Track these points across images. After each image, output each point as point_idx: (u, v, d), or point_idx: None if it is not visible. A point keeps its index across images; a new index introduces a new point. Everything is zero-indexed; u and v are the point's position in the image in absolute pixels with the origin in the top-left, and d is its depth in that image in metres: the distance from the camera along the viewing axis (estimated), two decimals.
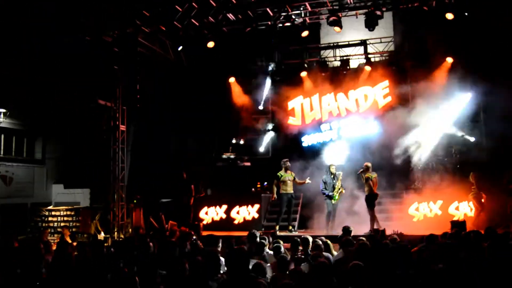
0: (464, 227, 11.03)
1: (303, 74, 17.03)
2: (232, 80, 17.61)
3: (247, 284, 4.88)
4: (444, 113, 15.18)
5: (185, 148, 18.46)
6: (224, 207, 14.92)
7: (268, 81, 17.67)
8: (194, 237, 9.99)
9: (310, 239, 8.07)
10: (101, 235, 13.46)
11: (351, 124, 16.54)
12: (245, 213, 14.70)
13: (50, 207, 15.73)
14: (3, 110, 14.51)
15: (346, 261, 6.28)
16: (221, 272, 5.93)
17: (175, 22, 14.46)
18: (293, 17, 13.94)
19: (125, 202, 14.25)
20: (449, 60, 15.45)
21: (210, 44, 14.67)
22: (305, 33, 14.07)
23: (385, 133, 15.71)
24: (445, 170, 14.52)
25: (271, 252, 7.84)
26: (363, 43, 16.41)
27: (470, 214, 13.03)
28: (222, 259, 6.62)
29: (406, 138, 15.01)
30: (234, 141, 17.25)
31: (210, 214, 14.99)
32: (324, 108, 17.06)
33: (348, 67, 16.53)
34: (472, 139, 15.09)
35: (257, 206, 14.63)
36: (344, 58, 16.65)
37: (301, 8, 14.05)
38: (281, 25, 14.08)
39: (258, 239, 8.50)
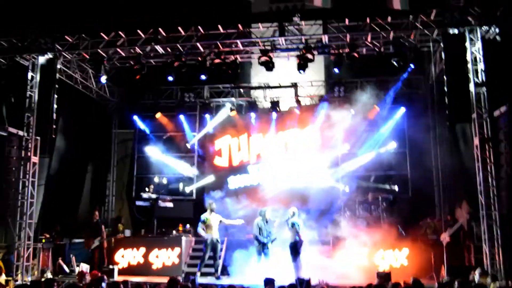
0: (389, 278, 11.10)
1: (232, 113, 17.05)
2: (158, 115, 17.27)
3: None
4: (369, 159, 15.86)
5: (104, 184, 17.87)
6: (142, 250, 14.27)
7: (196, 119, 17.60)
8: (105, 283, 9.37)
9: None
10: (2, 278, 12.36)
11: (279, 167, 16.58)
12: (164, 257, 14.12)
13: None
14: None
15: None
16: None
17: (100, 50, 14.06)
18: (224, 54, 13.93)
19: (31, 242, 13.26)
20: (377, 108, 16.03)
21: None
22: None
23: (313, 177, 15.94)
24: (372, 218, 14.81)
25: None
26: (294, 85, 16.66)
27: (395, 265, 13.20)
28: None
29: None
30: (156, 179, 16.74)
31: (127, 257, 14.27)
32: (252, 149, 17.08)
33: (278, 109, 16.66)
34: (395, 188, 15.59)
35: (178, 250, 14.12)
36: (275, 99, 16.77)
37: (233, 46, 14.09)
38: (211, 61, 14.01)
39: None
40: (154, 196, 15.70)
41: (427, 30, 12.72)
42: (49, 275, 12.90)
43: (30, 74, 13.67)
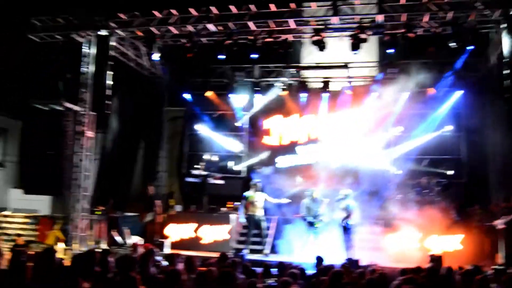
0: (441, 262, 10.91)
1: (283, 93, 16.96)
2: (209, 93, 17.37)
3: None
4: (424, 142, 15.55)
5: (155, 161, 18.17)
6: (193, 225, 14.49)
7: (247, 98, 17.61)
8: (158, 256, 9.58)
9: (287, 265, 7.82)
10: (60, 247, 12.87)
11: (330, 149, 16.49)
12: (214, 233, 14.29)
13: (6, 213, 15.05)
14: None
15: None
16: None
17: (152, 28, 14.21)
18: (275, 33, 13.82)
19: (87, 213, 13.70)
20: (433, 90, 15.62)
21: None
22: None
23: (364, 159, 15.79)
24: (424, 202, 14.51)
25: (242, 276, 7.51)
26: (346, 66, 16.41)
27: (448, 249, 12.94)
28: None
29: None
30: (206, 157, 16.89)
31: (178, 231, 14.52)
32: (302, 129, 17.02)
33: (329, 89, 16.47)
34: (451, 172, 15.21)
35: (227, 226, 14.26)
36: (326, 79, 16.58)
37: (284, 25, 13.96)
38: (262, 40, 13.95)
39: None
40: (204, 173, 15.85)
41: (487, 11, 12.22)
42: (103, 245, 13.30)
43: (85, 51, 13.99)
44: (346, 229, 12.30)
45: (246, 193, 13.02)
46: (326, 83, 16.52)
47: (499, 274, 8.00)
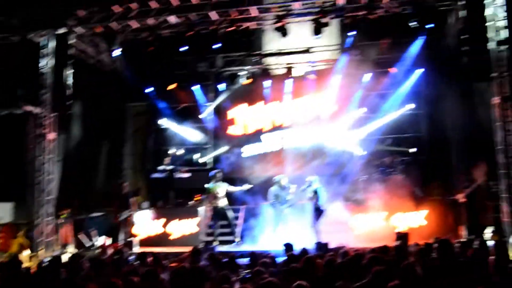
0: (408, 239, 11.13)
1: (245, 81, 16.92)
2: (172, 87, 17.20)
3: None
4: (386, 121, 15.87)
5: (120, 158, 17.97)
6: (161, 221, 14.42)
7: (210, 89, 17.61)
8: (129, 254, 9.53)
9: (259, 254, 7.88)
10: (26, 254, 12.63)
11: (295, 134, 16.63)
12: (182, 227, 14.26)
13: None
14: None
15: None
16: None
17: (112, 23, 13.94)
18: (237, 22, 13.74)
19: (52, 218, 13.46)
20: (394, 70, 15.83)
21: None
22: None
23: (329, 142, 16.07)
24: (389, 181, 14.74)
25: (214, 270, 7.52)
26: (308, 51, 16.42)
27: (413, 226, 13.23)
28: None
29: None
30: (171, 151, 16.77)
31: (146, 229, 14.42)
32: (266, 117, 17.06)
33: (292, 75, 16.53)
34: (413, 150, 15.50)
35: (195, 219, 14.25)
36: (288, 65, 16.61)
37: (245, 13, 13.87)
38: (224, 30, 13.85)
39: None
40: (170, 167, 15.78)
41: None
42: (71, 249, 13.11)
43: (43, 51, 13.66)
44: (318, 211, 12.42)
45: (207, 185, 12.93)
46: (289, 69, 16.56)
47: (465, 247, 8.23)
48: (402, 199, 13.63)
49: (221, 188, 13.08)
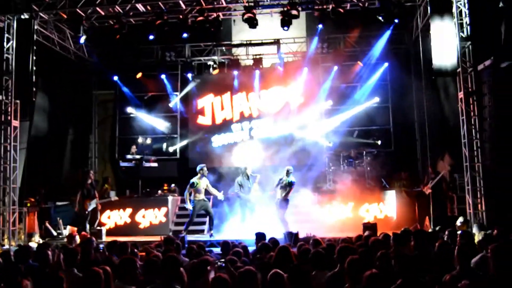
0: (376, 229, 11.35)
1: (214, 72, 16.87)
2: (139, 75, 16.96)
3: None
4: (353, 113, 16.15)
5: (86, 146, 17.72)
6: (129, 210, 14.34)
7: (179, 78, 17.47)
8: (97, 243, 9.40)
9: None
10: None
11: (263, 125, 16.77)
12: (151, 217, 14.25)
13: None
14: None
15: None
16: None
17: (78, 9, 13.63)
18: (206, 12, 13.63)
19: (16, 206, 13.15)
20: (360, 63, 16.06)
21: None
22: None
23: (296, 134, 16.24)
24: (356, 172, 15.01)
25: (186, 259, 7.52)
26: (277, 42, 16.47)
27: (379, 217, 13.52)
28: None
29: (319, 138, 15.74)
30: (139, 140, 16.60)
31: (113, 218, 14.33)
32: (235, 107, 17.10)
33: (261, 66, 16.60)
34: (379, 142, 15.80)
35: (164, 209, 14.25)
36: (257, 56, 16.66)
37: (215, 3, 13.78)
38: (193, 19, 13.72)
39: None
40: (138, 156, 15.67)
41: None
42: (37, 238, 12.86)
43: (6, 36, 13.24)
44: (283, 204, 12.46)
45: (193, 179, 12.77)
46: (257, 60, 16.59)
47: (432, 238, 8.41)
48: (369, 190, 14.03)
49: (204, 183, 12.96)
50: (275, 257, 6.54)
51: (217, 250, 9.66)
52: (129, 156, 15.75)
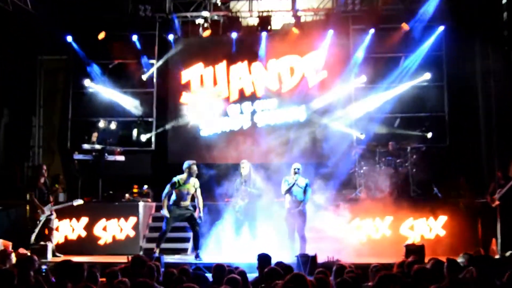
0: (423, 254, 11.25)
1: (205, 33, 16.79)
2: (102, 35, 16.83)
3: None
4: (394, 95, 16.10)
5: (27, 132, 17.72)
6: (84, 220, 14.29)
7: (156, 40, 17.46)
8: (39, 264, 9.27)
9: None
10: None
11: (270, 108, 16.69)
12: (115, 229, 14.23)
13: None
14: None
15: None
16: None
17: None
18: None
19: None
20: (406, 27, 15.91)
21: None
22: None
23: (315, 121, 16.25)
24: (395, 175, 14.86)
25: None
26: None
27: (428, 236, 13.40)
28: None
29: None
30: (101, 124, 16.47)
31: (63, 230, 14.27)
32: (233, 82, 17.01)
33: (269, 28, 16.47)
34: (429, 134, 15.69)
35: (133, 219, 14.21)
36: (264, 14, 16.54)
37: None
38: None
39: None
40: (98, 147, 15.63)
41: None
42: None
43: None
44: (303, 216, 12.47)
45: (177, 178, 12.65)
46: (264, 19, 16.48)
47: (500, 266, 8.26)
48: (414, 200, 13.93)
49: (191, 186, 12.79)
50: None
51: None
52: (86, 146, 15.70)
